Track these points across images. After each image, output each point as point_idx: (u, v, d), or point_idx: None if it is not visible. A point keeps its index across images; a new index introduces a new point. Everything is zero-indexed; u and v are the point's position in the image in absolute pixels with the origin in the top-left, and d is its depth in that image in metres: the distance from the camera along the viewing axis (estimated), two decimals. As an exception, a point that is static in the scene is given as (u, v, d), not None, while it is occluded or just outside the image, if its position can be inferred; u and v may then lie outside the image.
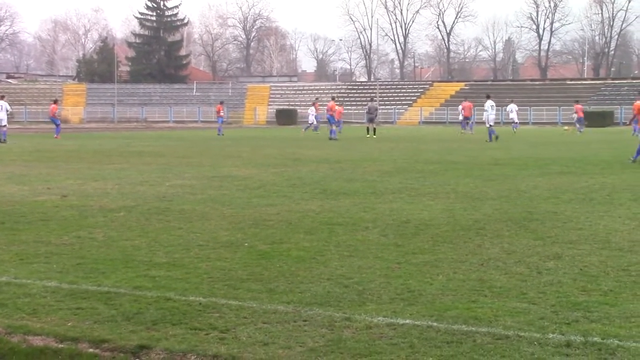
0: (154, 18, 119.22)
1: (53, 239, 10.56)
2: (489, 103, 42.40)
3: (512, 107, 58.51)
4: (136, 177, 19.81)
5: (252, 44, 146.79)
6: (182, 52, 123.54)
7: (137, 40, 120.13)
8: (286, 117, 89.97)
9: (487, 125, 41.13)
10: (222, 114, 57.58)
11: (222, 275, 8.33)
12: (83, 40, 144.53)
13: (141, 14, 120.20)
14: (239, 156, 28.47)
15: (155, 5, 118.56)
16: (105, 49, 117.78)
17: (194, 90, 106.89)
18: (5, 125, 42.00)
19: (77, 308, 7.09)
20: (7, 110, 42.83)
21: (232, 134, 54.12)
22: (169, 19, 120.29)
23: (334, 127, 45.41)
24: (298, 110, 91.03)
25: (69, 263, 9.00)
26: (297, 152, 30.77)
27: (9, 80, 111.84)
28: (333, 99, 49.03)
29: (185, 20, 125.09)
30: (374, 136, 45.69)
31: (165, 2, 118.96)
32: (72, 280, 8.11)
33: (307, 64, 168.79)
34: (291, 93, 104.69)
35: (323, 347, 5.98)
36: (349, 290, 7.69)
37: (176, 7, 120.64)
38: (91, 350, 6.01)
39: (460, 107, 57.49)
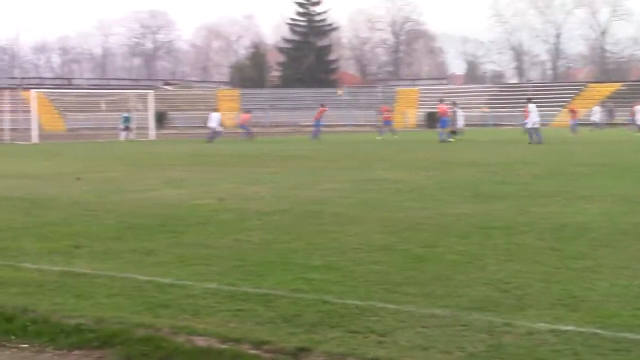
0: (304, 24, 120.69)
1: (211, 242, 10.80)
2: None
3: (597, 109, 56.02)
4: (288, 180, 20.09)
5: (401, 47, 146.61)
6: (332, 57, 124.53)
7: (288, 46, 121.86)
8: (436, 120, 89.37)
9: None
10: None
11: (377, 279, 8.34)
12: (235, 47, 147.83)
13: (292, 19, 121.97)
14: (388, 159, 28.47)
15: (305, 11, 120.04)
16: (257, 54, 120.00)
17: (343, 94, 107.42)
18: (215, 132, 49.07)
19: (238, 310, 7.21)
20: (218, 121, 50.08)
21: (383, 137, 54.12)
22: (318, 24, 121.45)
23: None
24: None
25: (227, 265, 9.18)
26: (446, 155, 30.53)
27: (166, 87, 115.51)
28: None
29: (334, 26, 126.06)
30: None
31: (315, 8, 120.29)
32: (231, 282, 8.26)
33: (456, 67, 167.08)
34: (441, 96, 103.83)
35: (483, 353, 5.90)
36: (507, 295, 7.56)
37: (325, 12, 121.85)
38: (252, 351, 6.11)
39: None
